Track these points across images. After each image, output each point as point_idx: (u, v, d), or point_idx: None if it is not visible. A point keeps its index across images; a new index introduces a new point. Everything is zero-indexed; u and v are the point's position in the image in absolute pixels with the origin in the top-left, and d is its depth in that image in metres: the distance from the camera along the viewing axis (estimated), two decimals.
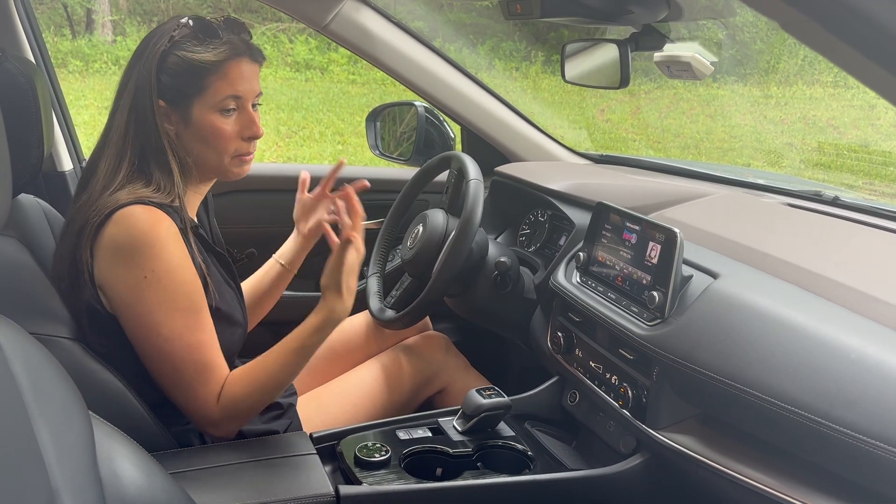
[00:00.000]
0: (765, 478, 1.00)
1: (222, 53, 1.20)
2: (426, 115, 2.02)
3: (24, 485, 0.66)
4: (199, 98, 1.21)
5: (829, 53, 0.53)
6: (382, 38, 1.84)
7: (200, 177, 1.30)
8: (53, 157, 1.88)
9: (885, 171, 5.34)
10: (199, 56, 1.20)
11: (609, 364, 1.29)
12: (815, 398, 0.93)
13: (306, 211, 1.53)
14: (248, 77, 1.23)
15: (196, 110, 1.22)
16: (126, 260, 1.14)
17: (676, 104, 7.90)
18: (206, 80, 1.20)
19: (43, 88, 1.27)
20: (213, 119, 1.22)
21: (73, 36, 9.30)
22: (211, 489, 1.08)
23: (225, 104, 1.22)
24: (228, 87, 1.21)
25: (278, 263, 1.54)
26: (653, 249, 1.21)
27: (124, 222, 1.14)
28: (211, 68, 1.20)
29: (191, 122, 1.22)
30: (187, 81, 1.20)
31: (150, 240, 1.14)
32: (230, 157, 1.26)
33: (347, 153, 6.60)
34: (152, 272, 1.14)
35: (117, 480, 0.80)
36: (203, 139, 1.23)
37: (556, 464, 1.33)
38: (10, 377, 0.71)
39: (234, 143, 1.25)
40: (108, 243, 1.15)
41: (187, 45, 1.20)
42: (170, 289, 1.15)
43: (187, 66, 1.20)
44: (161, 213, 1.16)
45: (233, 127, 1.24)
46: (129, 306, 1.16)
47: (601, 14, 1.20)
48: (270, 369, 1.22)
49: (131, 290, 1.15)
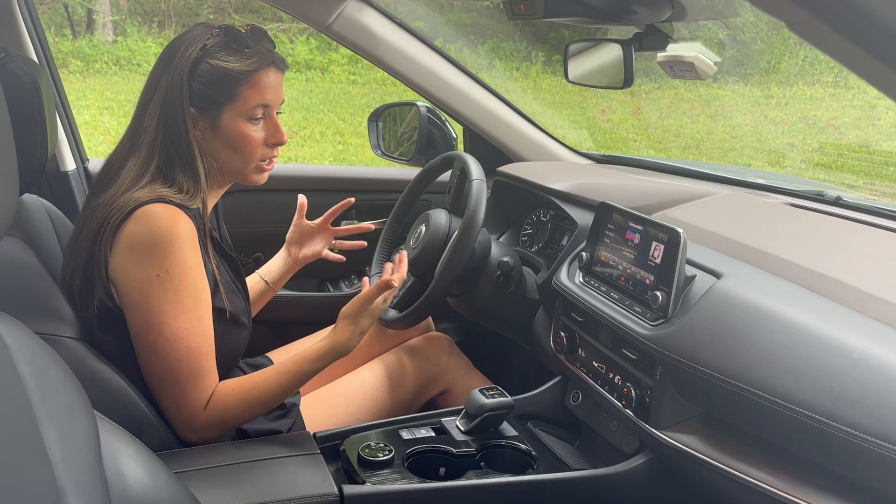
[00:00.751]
0: (767, 477, 1.00)
1: (254, 63, 1.24)
2: (428, 115, 2.02)
3: (29, 483, 0.66)
4: (229, 105, 1.24)
5: (834, 53, 0.53)
6: (385, 38, 1.84)
7: (221, 181, 1.32)
8: (56, 158, 1.88)
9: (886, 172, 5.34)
10: (232, 65, 1.23)
11: (612, 364, 1.29)
12: (817, 398, 0.93)
13: (303, 237, 1.57)
14: (275, 86, 1.27)
15: (226, 117, 1.24)
16: (142, 256, 1.16)
17: (677, 104, 7.90)
18: (238, 88, 1.23)
19: (47, 88, 1.27)
20: (243, 126, 1.25)
21: (73, 36, 9.30)
22: (215, 488, 1.09)
23: (254, 112, 1.25)
24: (258, 95, 1.24)
25: (263, 281, 1.57)
26: (656, 249, 1.22)
27: (144, 220, 1.16)
28: (242, 77, 1.23)
29: (219, 129, 1.25)
30: (219, 89, 1.23)
31: (169, 238, 1.16)
32: (255, 163, 1.29)
33: (348, 153, 6.60)
34: (165, 271, 1.15)
35: (122, 479, 0.80)
36: (231, 145, 1.26)
37: (560, 464, 1.33)
38: (16, 376, 0.71)
39: (260, 149, 1.28)
40: (127, 239, 1.17)
41: (220, 53, 1.23)
42: (179, 290, 1.16)
43: (220, 75, 1.22)
44: (181, 213, 1.18)
45: (259, 134, 1.27)
46: (137, 302, 1.17)
47: (605, 14, 1.20)
48: (263, 388, 1.23)
49: (142, 286, 1.16)
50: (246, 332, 1.35)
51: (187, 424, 1.21)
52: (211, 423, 1.21)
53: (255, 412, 1.25)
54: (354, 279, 2.19)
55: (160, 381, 1.19)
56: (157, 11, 9.77)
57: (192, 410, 1.19)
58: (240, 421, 1.25)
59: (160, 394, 1.21)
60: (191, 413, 1.20)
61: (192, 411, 1.20)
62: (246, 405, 1.22)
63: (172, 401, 1.20)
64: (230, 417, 1.22)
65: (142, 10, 9.84)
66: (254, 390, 1.23)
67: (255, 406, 1.23)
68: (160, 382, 1.19)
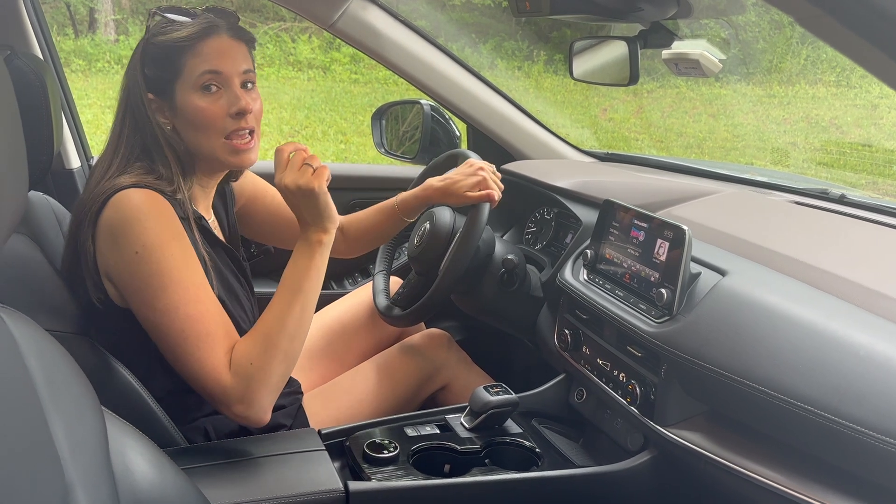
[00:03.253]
0: (773, 474, 1.00)
1: (193, 29, 1.19)
2: (431, 114, 2.02)
3: (38, 479, 0.66)
4: (179, 81, 1.19)
5: (845, 49, 0.53)
6: (389, 36, 1.84)
7: (205, 169, 1.28)
8: (62, 155, 1.88)
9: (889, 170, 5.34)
10: (172, 37, 1.19)
11: (617, 361, 1.29)
12: (824, 394, 0.93)
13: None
14: (228, 53, 1.20)
15: (179, 95, 1.20)
16: (118, 238, 1.13)
17: (679, 103, 7.90)
18: (181, 59, 1.18)
19: (52, 86, 1.27)
20: (195, 100, 1.19)
21: (76, 35, 9.31)
22: (221, 484, 1.09)
23: (203, 80, 1.19)
24: (203, 62, 1.18)
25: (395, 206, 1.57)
26: (661, 247, 1.22)
27: (118, 204, 1.14)
28: (185, 47, 1.18)
29: (176, 109, 1.21)
30: (165, 66, 1.19)
31: (138, 215, 1.12)
32: (221, 138, 1.21)
33: (350, 152, 6.60)
34: (143, 246, 1.12)
35: (129, 475, 0.80)
36: (191, 123, 1.20)
37: (564, 461, 1.33)
38: (25, 371, 0.71)
39: (220, 121, 1.20)
40: (105, 226, 1.14)
41: (161, 30, 1.20)
42: (162, 261, 1.12)
43: (163, 51, 1.19)
44: (153, 193, 1.15)
45: (216, 105, 1.20)
46: (127, 285, 1.14)
47: (610, 11, 1.20)
48: (269, 318, 1.16)
49: (127, 267, 1.13)
50: (244, 326, 1.30)
51: (223, 394, 1.13)
52: (243, 383, 1.12)
53: (280, 350, 1.14)
54: (358, 277, 2.19)
55: (177, 360, 1.14)
56: None
57: (218, 376, 1.12)
58: (272, 368, 1.14)
59: (184, 373, 1.14)
60: (218, 381, 1.12)
61: (219, 377, 1.12)
62: (265, 344, 1.14)
63: (196, 374, 1.13)
64: (258, 368, 1.13)
65: (144, 10, 9.83)
66: (264, 324, 1.16)
67: (275, 339, 1.14)
68: (177, 361, 1.14)
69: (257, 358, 1.13)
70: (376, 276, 1.75)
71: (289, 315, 1.16)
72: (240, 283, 1.34)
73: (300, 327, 1.17)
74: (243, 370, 1.13)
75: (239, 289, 1.33)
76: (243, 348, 1.14)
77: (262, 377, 1.13)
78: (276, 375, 1.15)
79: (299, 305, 1.17)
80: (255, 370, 1.13)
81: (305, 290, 1.18)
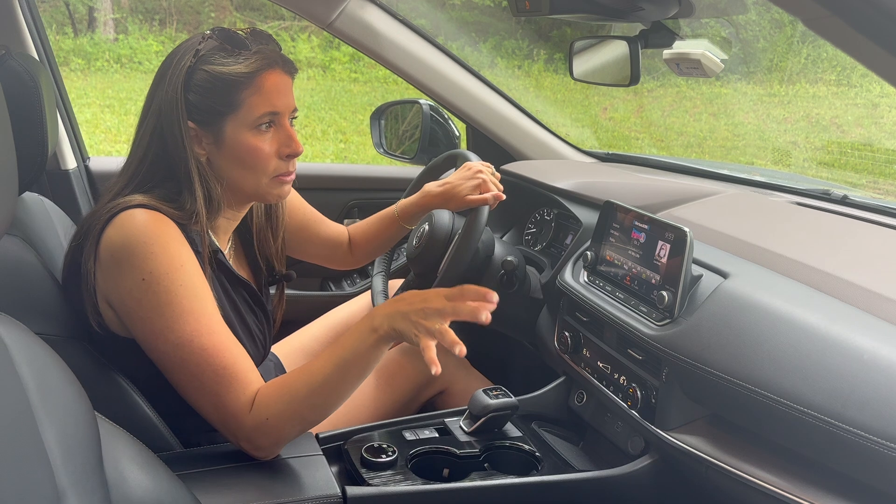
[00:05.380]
0: (775, 479, 0.99)
1: (254, 64, 1.12)
2: (431, 113, 2.01)
3: (30, 485, 0.66)
4: (232, 115, 1.13)
5: (851, 49, 0.52)
6: (387, 36, 1.83)
7: (235, 202, 1.22)
8: (57, 156, 1.87)
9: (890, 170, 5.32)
10: (230, 69, 1.12)
11: (617, 364, 1.28)
12: (826, 399, 0.92)
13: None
14: (283, 90, 1.15)
15: (229, 129, 1.13)
16: (123, 264, 1.07)
17: (679, 102, 7.89)
18: (239, 94, 1.12)
19: (47, 86, 1.26)
20: (249, 138, 1.14)
21: (75, 34, 9.30)
22: (217, 490, 1.08)
23: (260, 121, 1.14)
24: (264, 101, 1.13)
25: (395, 214, 1.56)
26: (662, 248, 1.20)
27: (121, 224, 1.08)
28: (243, 81, 1.12)
29: (224, 143, 1.14)
30: (218, 98, 1.12)
31: (144, 239, 1.06)
32: (269, 178, 1.18)
33: (349, 151, 6.60)
34: (150, 273, 1.06)
35: (123, 481, 0.79)
36: (239, 160, 1.15)
37: (564, 465, 1.32)
38: (16, 377, 0.70)
39: (272, 162, 1.16)
40: (107, 248, 1.09)
41: (215, 58, 1.12)
42: (171, 290, 1.06)
43: (217, 81, 1.12)
44: (160, 216, 1.09)
45: (270, 145, 1.16)
46: (130, 313, 1.09)
47: (611, 10, 1.19)
48: (301, 375, 1.09)
49: (132, 293, 1.07)
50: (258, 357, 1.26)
51: (239, 431, 1.08)
52: (258, 426, 1.07)
53: (304, 406, 1.07)
54: (357, 278, 2.18)
55: (193, 395, 1.09)
56: (159, 9, 9.76)
57: (236, 413, 1.07)
58: (291, 421, 1.08)
59: (201, 409, 1.10)
60: (236, 417, 1.07)
61: (237, 414, 1.07)
62: (288, 397, 1.07)
63: (215, 410, 1.08)
64: (275, 416, 1.07)
65: (143, 8, 9.83)
66: (290, 384, 1.08)
67: (300, 398, 1.07)
68: (194, 395, 1.09)
69: (275, 416, 1.07)
70: (375, 278, 1.74)
71: (321, 388, 1.08)
72: (256, 317, 1.29)
73: (326, 404, 1.10)
74: (260, 421, 1.08)
75: (254, 324, 1.27)
76: (266, 396, 1.08)
77: (275, 434, 1.09)
78: (291, 435, 1.11)
79: (334, 384, 1.08)
80: (270, 427, 1.08)
81: (347, 376, 1.08)
